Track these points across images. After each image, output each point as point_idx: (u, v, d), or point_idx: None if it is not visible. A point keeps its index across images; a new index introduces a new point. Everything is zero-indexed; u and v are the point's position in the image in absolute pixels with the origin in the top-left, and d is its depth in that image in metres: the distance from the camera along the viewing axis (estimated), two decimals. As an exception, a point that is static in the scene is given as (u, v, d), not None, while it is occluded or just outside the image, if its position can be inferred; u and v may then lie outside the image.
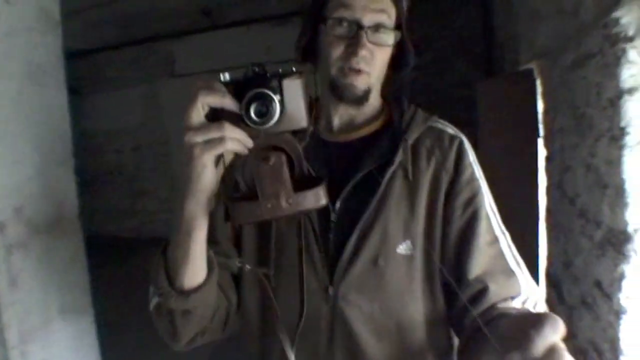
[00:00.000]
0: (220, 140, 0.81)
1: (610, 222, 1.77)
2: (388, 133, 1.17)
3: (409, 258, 1.08)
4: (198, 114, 0.82)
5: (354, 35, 1.06)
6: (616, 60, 1.52)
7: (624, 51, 1.48)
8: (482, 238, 1.07)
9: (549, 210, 2.91)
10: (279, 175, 0.87)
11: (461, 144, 1.15)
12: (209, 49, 7.33)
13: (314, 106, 1.20)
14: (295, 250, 1.11)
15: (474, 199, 1.10)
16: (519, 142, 3.10)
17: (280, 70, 0.88)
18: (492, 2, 5.24)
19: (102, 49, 8.04)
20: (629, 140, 1.54)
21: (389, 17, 1.09)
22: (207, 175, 0.85)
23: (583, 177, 2.08)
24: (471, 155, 1.15)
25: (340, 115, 1.19)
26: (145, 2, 6.63)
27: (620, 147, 1.56)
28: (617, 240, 1.70)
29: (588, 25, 1.82)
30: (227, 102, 0.83)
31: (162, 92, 7.93)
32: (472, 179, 1.12)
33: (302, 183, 0.89)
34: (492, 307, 1.00)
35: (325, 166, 1.13)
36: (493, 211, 1.12)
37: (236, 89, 0.84)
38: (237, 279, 1.17)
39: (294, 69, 0.89)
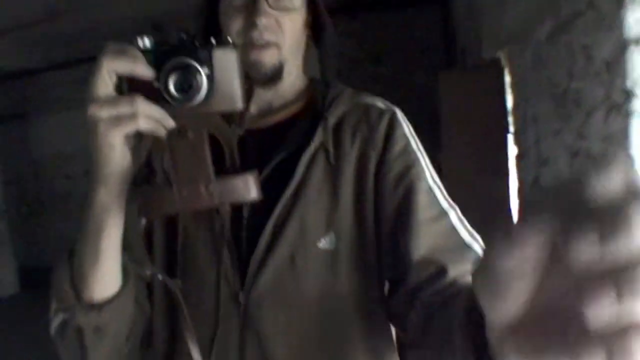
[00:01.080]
0: (131, 117, 0.70)
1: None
2: (308, 114, 1.05)
3: (333, 253, 0.95)
4: (104, 82, 0.71)
5: (252, 3, 0.93)
6: (617, 5, 1.24)
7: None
8: (423, 213, 0.94)
9: (521, 211, 2.67)
10: (198, 155, 0.76)
11: (393, 116, 1.03)
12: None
13: (251, 87, 1.03)
14: (204, 253, 0.98)
15: (408, 171, 0.97)
16: (486, 140, 2.95)
17: (212, 39, 0.76)
18: (451, 8, 5.22)
19: (48, 68, 7.82)
20: (636, 104, 1.25)
21: None
22: (116, 158, 0.73)
23: (567, 166, 1.85)
24: (406, 128, 1.03)
25: (254, 100, 1.05)
26: (93, 18, 6.45)
27: (626, 115, 1.27)
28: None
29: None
30: (140, 70, 0.71)
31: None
32: (406, 151, 0.99)
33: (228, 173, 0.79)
34: (452, 284, 0.87)
35: (239, 155, 0.95)
36: (437, 185, 0.98)
37: (158, 58, 0.72)
38: (150, 290, 1.03)
39: (229, 38, 0.78)
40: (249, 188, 0.79)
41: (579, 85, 1.60)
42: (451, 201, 0.98)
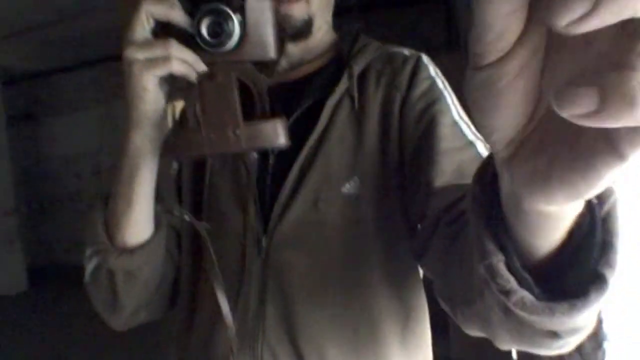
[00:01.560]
0: (164, 59, 0.72)
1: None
2: (335, 64, 1.04)
3: (357, 198, 0.94)
4: (142, 27, 0.73)
5: None
6: None
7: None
8: (446, 143, 0.88)
9: None
10: (227, 98, 0.75)
11: (418, 60, 1.01)
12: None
13: (283, 38, 1.02)
14: (229, 198, 0.99)
15: (431, 107, 0.93)
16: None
17: None
18: (454, 8, 5.18)
19: (60, 69, 7.89)
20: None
21: None
22: (149, 100, 0.75)
23: None
24: (432, 70, 1.00)
25: (285, 53, 1.04)
26: (104, 21, 6.44)
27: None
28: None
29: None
30: (176, 15, 0.73)
31: (122, 113, 7.68)
32: (430, 90, 0.95)
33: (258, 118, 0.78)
34: None
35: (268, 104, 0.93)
36: (463, 120, 0.93)
37: (193, 4, 0.73)
38: (179, 238, 1.04)
39: None
40: (277, 134, 0.77)
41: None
42: (479, 135, 0.90)
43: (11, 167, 7.32)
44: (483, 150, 0.87)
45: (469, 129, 0.91)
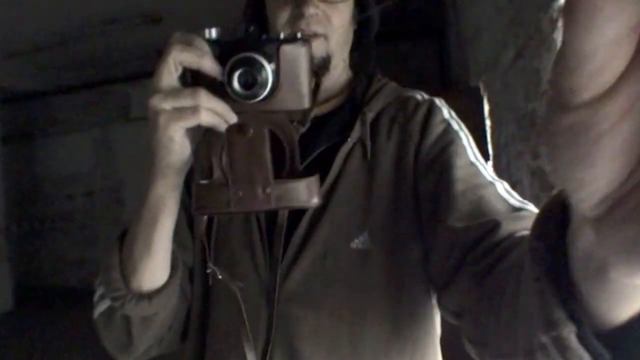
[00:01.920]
0: (193, 110, 0.67)
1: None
2: (349, 107, 1.01)
3: (366, 254, 0.90)
4: (169, 74, 0.69)
5: None
6: (553, 27, 1.32)
7: (559, 12, 1.28)
8: (463, 183, 0.84)
9: None
10: (257, 153, 0.71)
11: (431, 104, 0.98)
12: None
13: (318, 84, 0.99)
14: (238, 240, 0.95)
15: (445, 150, 0.90)
16: None
17: (281, 34, 0.72)
18: (445, 40, 5.24)
19: (56, 91, 7.94)
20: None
21: None
22: (175, 150, 0.72)
23: (529, 187, 1.88)
24: (446, 112, 0.97)
25: None
26: (101, 44, 6.53)
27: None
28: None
29: (523, 6, 1.64)
30: (206, 64, 0.68)
31: (116, 136, 7.78)
32: (445, 132, 0.93)
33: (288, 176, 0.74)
34: (509, 237, 0.71)
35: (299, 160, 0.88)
36: (480, 162, 0.89)
37: (223, 51, 0.68)
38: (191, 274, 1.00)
39: (298, 35, 0.73)
40: (308, 194, 0.73)
41: (534, 106, 1.67)
42: (497, 178, 0.88)
43: (4, 186, 7.32)
44: (503, 192, 0.83)
45: (485, 171, 0.88)
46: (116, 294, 0.81)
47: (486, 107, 2.87)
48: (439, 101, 1.00)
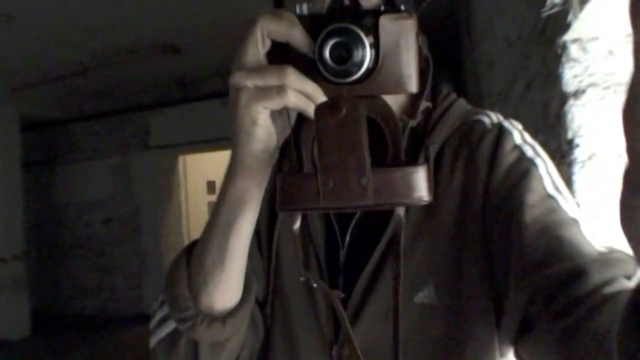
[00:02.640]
0: (279, 90, 0.59)
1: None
2: (410, 132, 0.85)
3: (431, 308, 0.80)
4: (256, 48, 0.62)
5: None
6: (557, 63, 1.33)
7: (564, 48, 1.29)
8: (536, 225, 0.71)
9: None
10: (352, 139, 0.60)
11: (500, 129, 0.83)
12: (184, 121, 7.31)
13: (428, 66, 0.85)
14: (297, 289, 0.86)
15: (518, 185, 0.76)
16: None
17: (382, 7, 0.62)
18: (463, 70, 5.25)
19: (77, 119, 8.06)
20: (578, 154, 1.32)
21: None
22: (258, 136, 0.63)
23: None
24: (517, 137, 0.82)
25: None
26: (122, 74, 6.64)
27: (570, 164, 1.34)
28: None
29: (531, 41, 1.65)
30: (296, 35, 0.60)
31: (134, 164, 7.84)
32: (516, 163, 0.78)
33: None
34: (597, 290, 0.61)
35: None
36: (560, 192, 0.75)
37: (315, 24, 0.60)
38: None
39: (402, 7, 0.64)
40: (415, 186, 0.60)
41: (543, 139, 1.67)
42: (583, 211, 0.76)
43: (24, 212, 7.40)
44: (588, 230, 0.70)
45: (567, 204, 0.74)
46: (184, 314, 0.72)
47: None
48: (509, 123, 0.85)
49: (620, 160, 1.30)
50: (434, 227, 0.81)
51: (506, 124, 0.85)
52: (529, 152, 0.80)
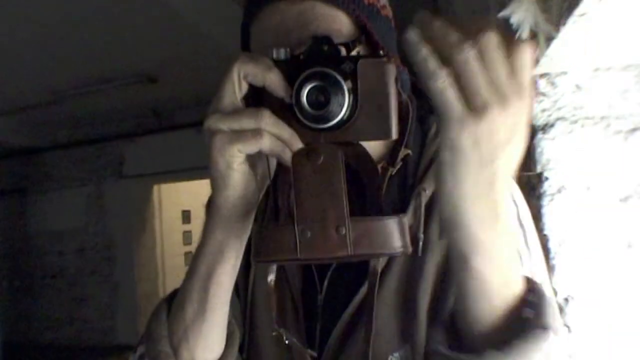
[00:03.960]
0: (254, 133, 0.58)
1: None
2: (398, 178, 0.82)
3: None
4: (232, 91, 0.60)
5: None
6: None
7: (532, 82, 1.30)
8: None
9: None
10: (330, 186, 0.57)
11: None
12: (158, 150, 7.28)
13: (409, 111, 0.83)
14: (271, 342, 0.82)
15: None
16: None
17: (360, 50, 0.63)
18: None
19: (52, 147, 7.98)
20: (547, 187, 1.33)
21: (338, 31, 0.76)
22: (235, 182, 0.61)
23: None
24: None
25: None
26: (96, 102, 6.60)
27: (539, 197, 1.35)
28: (547, 316, 1.46)
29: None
30: (273, 79, 0.58)
31: (108, 193, 7.77)
32: None
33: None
34: None
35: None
36: (528, 249, 0.77)
37: (292, 68, 0.59)
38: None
39: (381, 52, 0.64)
40: (396, 236, 0.58)
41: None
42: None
43: (-4, 241, 7.27)
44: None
45: (530, 261, 0.77)
46: None
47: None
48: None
49: (588, 193, 1.32)
50: (415, 282, 0.78)
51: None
52: (522, 213, 0.80)
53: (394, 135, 0.60)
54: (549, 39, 1.04)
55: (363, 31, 0.76)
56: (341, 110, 0.57)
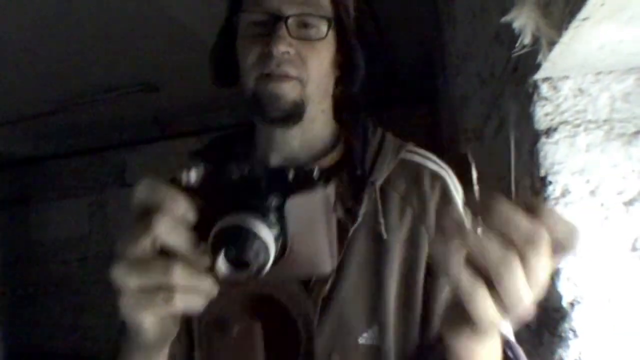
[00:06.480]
0: (165, 296, 0.53)
1: (543, 300, 1.51)
2: (347, 170, 0.88)
3: (375, 350, 0.80)
4: (141, 230, 0.55)
5: (271, 30, 0.80)
6: (529, 101, 1.35)
7: (535, 87, 1.31)
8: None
9: None
10: (246, 357, 0.54)
11: (445, 184, 0.92)
12: (160, 159, 7.28)
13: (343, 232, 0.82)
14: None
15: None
16: None
17: (290, 175, 0.54)
18: (437, 106, 5.31)
19: (54, 156, 7.96)
20: (551, 191, 1.34)
21: (317, 4, 0.83)
22: (149, 334, 0.59)
23: None
24: (456, 198, 0.93)
25: (276, 149, 0.88)
26: (99, 111, 6.60)
27: (543, 202, 1.35)
28: (552, 321, 1.46)
29: (503, 79, 1.68)
30: (177, 241, 0.53)
31: (111, 201, 7.76)
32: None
33: None
34: None
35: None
36: None
37: (204, 210, 0.52)
38: None
39: (315, 172, 0.57)
40: None
41: (516, 177, 1.68)
42: None
43: (0, 251, 7.25)
44: None
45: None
46: None
47: (474, 174, 2.84)
48: (449, 178, 0.94)
49: (592, 196, 1.32)
50: (380, 266, 0.83)
51: (448, 176, 0.94)
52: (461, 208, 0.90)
53: (329, 268, 0.57)
54: (551, 44, 1.05)
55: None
56: (265, 262, 0.52)
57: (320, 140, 0.94)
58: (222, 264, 0.50)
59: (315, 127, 0.92)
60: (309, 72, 0.85)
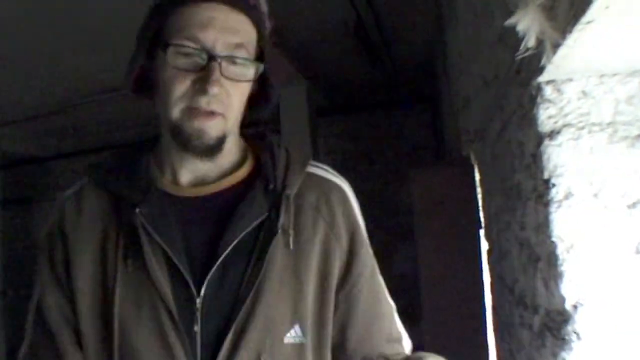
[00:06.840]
0: None
1: (546, 302, 1.52)
2: (259, 184, 0.95)
3: (300, 348, 0.90)
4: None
5: (204, 68, 0.84)
6: (532, 104, 1.35)
7: (538, 89, 1.31)
8: (368, 312, 0.98)
9: (494, 308, 2.64)
10: None
11: (345, 196, 1.01)
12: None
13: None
14: (148, 337, 0.88)
15: (357, 256, 0.97)
16: (459, 236, 2.90)
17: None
18: (440, 108, 5.31)
19: (57, 156, 7.98)
20: (555, 194, 1.33)
21: (248, 44, 0.87)
22: None
23: (517, 257, 1.85)
24: (356, 208, 1.02)
25: (188, 169, 0.96)
26: (101, 111, 6.61)
27: (546, 205, 1.35)
28: (555, 324, 1.46)
29: (507, 81, 1.68)
30: None
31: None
32: (363, 244, 0.99)
33: None
34: None
35: (180, 231, 0.87)
36: (379, 280, 1.04)
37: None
38: None
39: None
40: None
41: (519, 179, 1.68)
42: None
43: (1, 251, 7.26)
44: (395, 316, 1.06)
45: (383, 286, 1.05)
46: None
47: (477, 177, 2.87)
48: (348, 189, 1.02)
49: (596, 199, 1.32)
50: (298, 271, 0.92)
51: (347, 189, 1.01)
52: (364, 233, 1.01)
53: None
54: (555, 46, 1.05)
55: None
56: None
57: (230, 158, 0.99)
58: None
59: (226, 148, 0.95)
60: (232, 107, 0.90)
